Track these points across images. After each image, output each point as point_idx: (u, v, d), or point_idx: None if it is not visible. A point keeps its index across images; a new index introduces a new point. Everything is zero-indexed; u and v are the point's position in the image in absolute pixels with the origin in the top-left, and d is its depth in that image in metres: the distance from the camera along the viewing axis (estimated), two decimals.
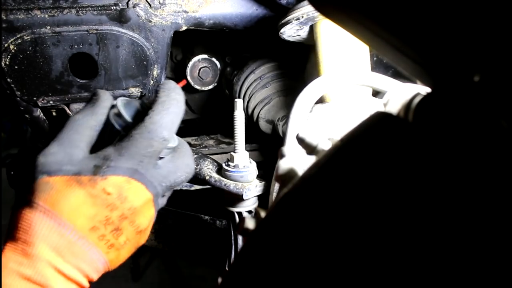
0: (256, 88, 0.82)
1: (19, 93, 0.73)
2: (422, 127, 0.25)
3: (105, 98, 0.53)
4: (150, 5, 0.71)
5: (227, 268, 0.73)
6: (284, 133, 0.59)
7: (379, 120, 0.27)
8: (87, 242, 0.48)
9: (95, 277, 0.51)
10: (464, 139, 0.22)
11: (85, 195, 0.48)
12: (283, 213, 0.27)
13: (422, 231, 0.21)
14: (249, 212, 0.66)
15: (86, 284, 0.49)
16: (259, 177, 0.67)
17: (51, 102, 0.76)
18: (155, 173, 0.52)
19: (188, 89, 0.93)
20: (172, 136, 0.52)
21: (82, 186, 0.48)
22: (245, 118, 0.65)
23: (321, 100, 0.68)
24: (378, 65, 0.75)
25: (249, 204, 0.66)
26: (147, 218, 0.52)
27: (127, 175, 0.49)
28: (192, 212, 0.88)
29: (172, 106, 0.51)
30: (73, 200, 0.48)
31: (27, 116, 0.77)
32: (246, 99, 0.84)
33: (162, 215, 0.90)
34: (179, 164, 0.54)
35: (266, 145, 0.84)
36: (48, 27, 0.68)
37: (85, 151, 0.50)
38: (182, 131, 0.88)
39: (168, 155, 0.53)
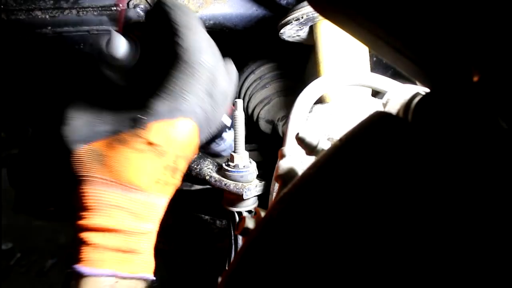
0: (256, 88, 0.82)
1: (19, 93, 0.73)
2: (421, 127, 0.25)
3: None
4: (150, 5, 0.71)
5: (226, 268, 0.73)
6: (284, 133, 0.59)
7: (379, 120, 0.27)
8: (155, 195, 0.48)
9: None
10: (463, 139, 0.22)
11: (134, 154, 0.45)
12: (283, 213, 0.27)
13: (421, 230, 0.21)
14: (249, 212, 0.67)
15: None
16: (259, 177, 0.67)
17: (51, 102, 0.76)
18: (197, 108, 0.46)
19: None
20: (219, 59, 0.45)
21: (126, 145, 0.45)
22: (245, 118, 0.65)
23: (321, 100, 0.68)
24: (378, 66, 0.75)
25: (249, 204, 0.66)
26: (193, 148, 0.50)
27: (167, 118, 0.45)
28: (192, 212, 0.89)
29: (197, 25, 0.44)
30: (126, 162, 0.45)
31: (27, 116, 0.77)
32: (246, 99, 0.84)
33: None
34: (216, 96, 0.48)
35: (266, 145, 0.85)
36: (49, 27, 0.69)
37: (109, 107, 0.47)
38: None
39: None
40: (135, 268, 0.48)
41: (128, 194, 0.46)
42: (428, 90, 0.28)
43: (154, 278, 0.51)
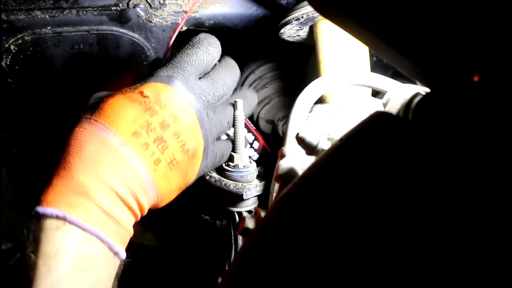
0: (256, 88, 0.82)
1: (19, 93, 0.73)
2: (422, 126, 0.25)
3: None
4: (150, 5, 0.71)
5: (226, 268, 0.73)
6: (284, 133, 0.59)
7: (379, 119, 0.27)
8: (130, 150, 0.45)
9: (145, 203, 0.47)
10: (463, 139, 0.22)
11: (124, 99, 0.48)
12: (283, 213, 0.27)
13: (421, 229, 0.21)
14: (249, 212, 0.67)
15: (136, 208, 0.47)
16: (259, 177, 0.67)
17: (51, 102, 0.76)
18: (194, 85, 0.52)
19: None
20: (215, 54, 0.55)
21: (123, 93, 0.49)
22: (245, 118, 0.65)
23: (321, 100, 0.68)
24: (378, 65, 0.75)
25: (249, 204, 0.66)
26: (192, 136, 0.50)
27: (164, 82, 0.50)
28: (192, 212, 0.89)
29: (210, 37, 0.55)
30: (114, 105, 0.47)
31: (27, 116, 0.77)
32: None
33: (161, 215, 0.90)
34: (215, 77, 0.55)
35: (266, 145, 0.84)
36: (49, 27, 0.69)
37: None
38: None
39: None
40: (90, 219, 0.43)
41: (103, 134, 0.46)
42: (428, 90, 0.28)
43: (119, 251, 0.46)
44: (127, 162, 0.46)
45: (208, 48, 0.54)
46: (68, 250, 0.43)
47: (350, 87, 0.66)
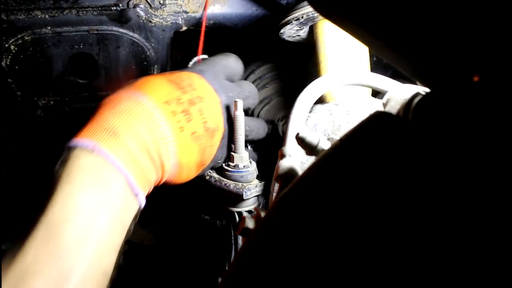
0: (256, 88, 0.82)
1: (19, 93, 0.73)
2: (422, 126, 0.25)
3: None
4: (150, 5, 0.71)
5: (227, 268, 0.73)
6: (284, 133, 0.59)
7: (379, 119, 0.27)
8: (160, 113, 0.52)
9: (166, 165, 0.53)
10: (463, 139, 0.22)
11: (163, 79, 0.57)
12: (283, 213, 0.27)
13: (420, 229, 0.21)
14: (249, 212, 0.67)
15: (158, 165, 0.52)
16: (259, 177, 0.67)
17: (51, 102, 0.76)
18: (222, 81, 0.62)
19: None
20: (241, 68, 0.68)
21: (161, 75, 0.58)
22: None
23: (321, 100, 0.68)
24: (378, 66, 0.75)
25: (249, 204, 0.66)
26: (214, 119, 0.59)
27: (198, 73, 0.60)
28: (192, 212, 0.89)
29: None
30: (153, 81, 0.56)
31: (27, 116, 0.77)
32: None
33: (161, 214, 0.90)
34: (243, 85, 0.66)
35: (266, 145, 0.85)
36: (49, 27, 0.69)
37: None
38: None
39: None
40: (117, 154, 0.48)
41: (139, 97, 0.53)
42: (428, 90, 0.28)
43: (139, 192, 0.49)
44: (157, 122, 0.52)
45: (237, 60, 0.66)
46: (91, 176, 0.46)
47: (350, 87, 0.66)
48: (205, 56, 0.90)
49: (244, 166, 0.64)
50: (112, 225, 0.46)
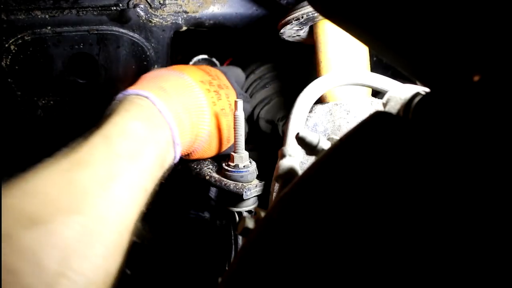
0: (256, 88, 0.82)
1: (19, 93, 0.73)
2: (422, 126, 0.25)
3: None
4: (150, 5, 0.71)
5: (226, 268, 0.73)
6: (284, 133, 0.59)
7: (379, 119, 0.27)
8: (198, 87, 0.62)
9: (200, 132, 0.61)
10: (463, 139, 0.22)
11: (194, 67, 0.67)
12: (283, 212, 0.27)
13: (420, 228, 0.21)
14: (249, 212, 0.66)
15: (194, 130, 0.60)
16: (259, 177, 0.67)
17: (51, 102, 0.76)
18: (236, 84, 0.71)
19: None
20: (244, 79, 0.81)
21: (195, 65, 0.70)
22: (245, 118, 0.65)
23: (321, 100, 0.68)
24: (377, 66, 0.75)
25: (249, 204, 0.66)
26: (233, 103, 0.66)
27: (221, 71, 0.71)
28: (192, 212, 0.89)
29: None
30: (185, 67, 0.66)
31: (27, 116, 0.77)
32: None
33: (162, 214, 0.90)
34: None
35: (266, 145, 0.85)
36: (49, 27, 0.69)
37: None
38: None
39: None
40: (168, 106, 0.54)
41: (181, 75, 0.62)
42: (428, 90, 0.28)
43: (178, 143, 0.55)
44: (196, 93, 0.61)
45: (242, 72, 0.79)
46: (145, 114, 0.51)
47: (350, 87, 0.66)
48: (205, 56, 0.90)
49: (244, 166, 0.64)
50: (155, 160, 0.49)
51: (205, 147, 0.64)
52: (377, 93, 0.70)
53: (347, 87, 0.65)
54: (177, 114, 0.56)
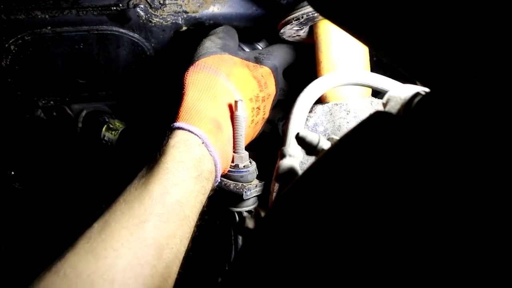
0: None
1: (19, 93, 0.73)
2: (422, 126, 0.25)
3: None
4: (150, 5, 0.71)
5: (226, 268, 0.73)
6: (284, 133, 0.59)
7: (379, 119, 0.27)
8: (246, 110, 0.64)
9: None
10: (463, 139, 0.22)
11: (250, 74, 0.66)
12: (282, 212, 0.27)
13: (419, 228, 0.21)
14: (249, 212, 0.66)
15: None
16: (259, 177, 0.67)
17: (51, 102, 0.76)
18: (280, 77, 0.72)
19: None
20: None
21: (249, 69, 0.67)
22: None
23: (321, 100, 0.68)
24: (378, 65, 0.75)
25: (249, 204, 0.66)
26: (268, 111, 0.71)
27: (272, 69, 0.69)
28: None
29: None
30: (242, 75, 0.65)
31: (27, 116, 0.77)
32: None
33: None
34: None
35: (266, 145, 0.85)
36: (49, 27, 0.69)
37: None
38: None
39: None
40: (218, 145, 0.57)
41: (234, 93, 0.63)
42: (428, 90, 0.28)
43: (219, 169, 0.58)
44: (241, 122, 0.62)
45: (293, 52, 0.75)
46: (194, 164, 0.53)
47: (350, 87, 0.66)
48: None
49: (244, 166, 0.64)
50: (199, 207, 0.54)
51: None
52: (377, 93, 0.70)
53: (347, 87, 0.65)
54: (224, 152, 0.59)
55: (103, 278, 0.40)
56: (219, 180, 0.60)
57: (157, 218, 0.46)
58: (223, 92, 0.61)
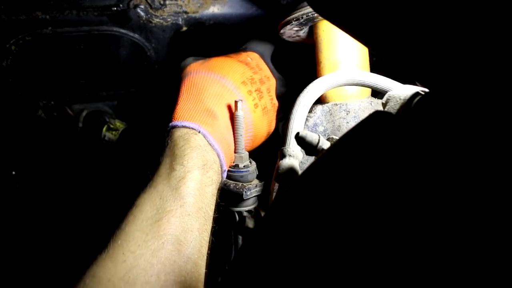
0: None
1: (20, 93, 0.73)
2: (421, 125, 0.25)
3: None
4: (150, 6, 0.71)
5: (226, 268, 0.73)
6: (284, 133, 0.59)
7: (378, 119, 0.27)
8: (240, 92, 0.63)
9: (246, 137, 0.63)
10: (463, 139, 0.22)
11: (234, 60, 0.66)
12: (282, 212, 0.27)
13: (419, 228, 0.21)
14: (249, 212, 0.67)
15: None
16: (259, 177, 0.67)
17: (52, 102, 0.76)
18: (271, 64, 0.71)
19: None
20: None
21: (230, 57, 0.67)
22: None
23: (321, 100, 0.68)
24: (378, 66, 0.75)
25: (249, 204, 0.66)
26: (274, 96, 0.69)
27: (259, 54, 0.70)
28: None
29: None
30: (225, 63, 0.65)
31: (28, 116, 0.77)
32: None
33: None
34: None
35: (266, 145, 0.85)
36: (50, 27, 0.69)
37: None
38: None
39: None
40: (214, 136, 0.56)
41: (222, 81, 0.62)
42: (427, 90, 0.28)
43: (225, 169, 0.58)
44: (234, 94, 0.62)
45: (270, 43, 0.74)
46: (196, 154, 0.52)
47: (350, 87, 0.66)
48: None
49: (244, 166, 0.64)
50: (211, 198, 0.54)
51: (247, 148, 0.67)
52: (377, 93, 0.70)
53: (347, 87, 0.66)
54: (223, 139, 0.58)
55: (123, 280, 0.40)
56: (226, 170, 0.60)
57: (171, 214, 0.46)
58: (210, 83, 0.62)
